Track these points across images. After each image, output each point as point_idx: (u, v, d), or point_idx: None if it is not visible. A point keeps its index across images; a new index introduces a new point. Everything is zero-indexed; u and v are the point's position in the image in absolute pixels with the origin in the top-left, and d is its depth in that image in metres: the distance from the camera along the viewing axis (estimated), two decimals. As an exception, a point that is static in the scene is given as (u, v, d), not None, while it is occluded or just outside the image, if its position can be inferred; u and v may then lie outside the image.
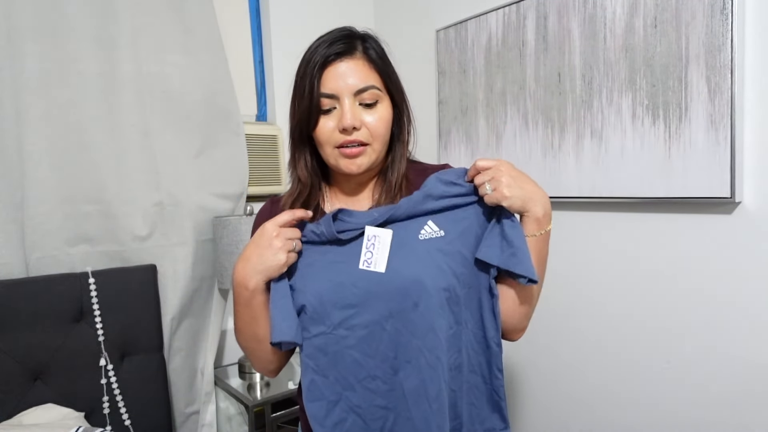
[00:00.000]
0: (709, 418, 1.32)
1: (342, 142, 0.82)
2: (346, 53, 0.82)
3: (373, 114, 0.83)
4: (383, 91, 0.84)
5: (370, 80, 0.82)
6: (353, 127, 0.81)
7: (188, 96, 1.69)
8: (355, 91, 0.81)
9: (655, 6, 1.32)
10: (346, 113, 0.81)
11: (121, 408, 1.49)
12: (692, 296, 1.33)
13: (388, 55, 0.87)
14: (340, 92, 0.81)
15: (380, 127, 0.83)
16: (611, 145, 1.43)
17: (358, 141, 0.82)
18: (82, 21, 1.50)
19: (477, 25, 1.77)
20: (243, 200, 1.84)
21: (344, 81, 0.81)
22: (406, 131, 0.90)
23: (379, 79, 0.84)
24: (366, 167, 0.85)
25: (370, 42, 0.85)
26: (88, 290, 1.46)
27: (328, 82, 0.82)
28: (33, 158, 1.44)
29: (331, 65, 0.82)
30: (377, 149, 0.84)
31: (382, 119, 0.83)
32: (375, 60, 0.84)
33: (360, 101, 0.82)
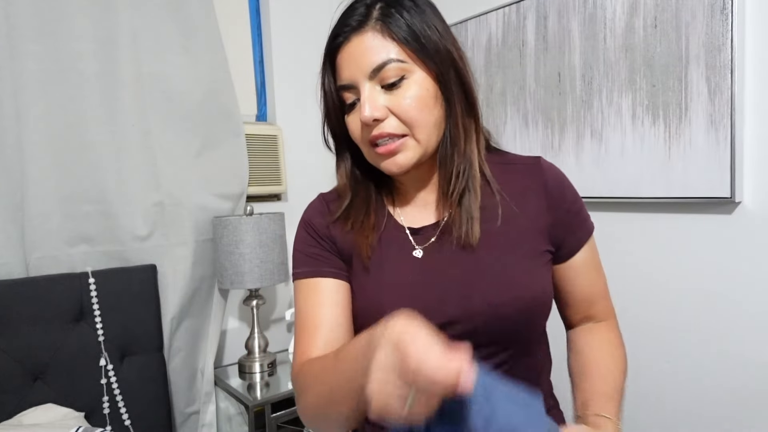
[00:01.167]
0: (709, 416, 1.32)
1: (371, 139, 0.67)
2: (355, 29, 0.66)
3: (398, 95, 0.65)
4: (410, 62, 0.65)
5: (386, 52, 0.64)
6: (374, 119, 0.65)
7: (188, 96, 1.69)
8: (369, 72, 0.65)
9: (655, 6, 1.32)
10: (363, 103, 0.65)
11: (121, 408, 1.49)
12: (692, 296, 1.33)
13: (428, 8, 0.67)
14: (355, 78, 0.66)
15: (412, 109, 0.65)
16: (611, 145, 1.43)
17: (388, 134, 0.66)
18: (82, 21, 1.50)
19: (477, 25, 1.77)
20: (243, 200, 1.84)
21: (356, 64, 0.66)
22: (461, 107, 0.68)
23: (399, 49, 0.65)
24: (411, 164, 0.68)
25: (387, 1, 0.66)
26: (88, 290, 1.46)
27: (342, 71, 0.68)
28: (33, 158, 1.44)
29: (341, 49, 0.67)
30: (421, 138, 0.66)
31: (414, 98, 0.65)
32: (392, 24, 0.64)
33: (381, 83, 0.65)
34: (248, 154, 1.84)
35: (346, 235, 0.75)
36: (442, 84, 0.67)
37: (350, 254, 0.74)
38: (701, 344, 1.33)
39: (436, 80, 0.67)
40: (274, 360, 1.81)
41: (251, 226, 1.61)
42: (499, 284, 0.67)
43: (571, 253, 0.75)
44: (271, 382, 1.73)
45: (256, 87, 2.06)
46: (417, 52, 0.65)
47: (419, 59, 0.66)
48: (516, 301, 0.67)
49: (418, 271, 0.71)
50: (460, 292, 0.68)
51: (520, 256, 0.69)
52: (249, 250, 1.61)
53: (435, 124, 0.67)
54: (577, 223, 0.75)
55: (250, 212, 1.73)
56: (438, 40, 0.66)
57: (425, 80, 0.66)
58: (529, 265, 0.70)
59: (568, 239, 0.74)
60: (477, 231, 0.68)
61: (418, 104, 0.65)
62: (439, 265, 0.70)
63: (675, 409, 1.39)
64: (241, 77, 1.98)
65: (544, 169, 0.73)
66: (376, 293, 0.71)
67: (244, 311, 1.96)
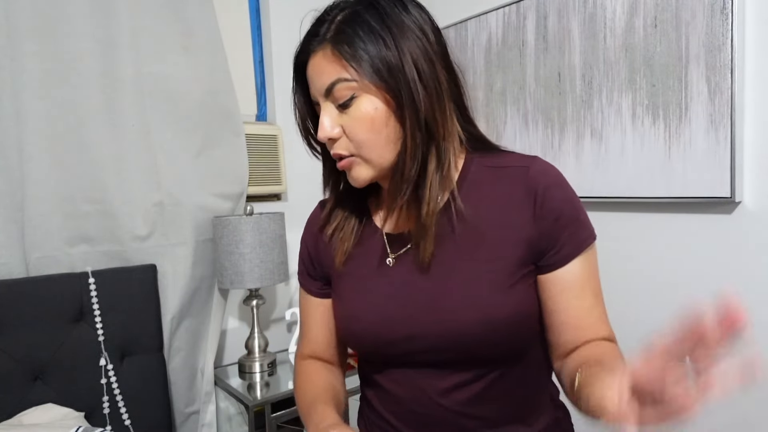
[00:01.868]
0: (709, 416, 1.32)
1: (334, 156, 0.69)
2: (314, 47, 0.66)
3: (350, 115, 0.65)
4: (359, 79, 0.63)
5: (333, 74, 0.64)
6: (329, 138, 0.66)
7: (188, 96, 1.69)
8: (323, 92, 0.66)
9: (655, 6, 1.32)
10: (320, 122, 0.66)
11: (121, 408, 1.49)
12: (692, 296, 1.33)
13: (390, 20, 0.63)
14: (316, 98, 0.68)
15: (360, 130, 0.64)
16: (611, 145, 1.43)
17: (338, 155, 0.67)
18: (82, 21, 1.50)
19: (477, 25, 1.77)
20: (243, 200, 1.84)
21: (314, 83, 0.67)
22: (416, 122, 0.64)
23: (348, 68, 0.63)
24: (366, 180, 0.68)
25: (345, 18, 0.64)
26: (88, 290, 1.46)
27: (310, 86, 0.69)
28: (33, 158, 1.44)
29: (307, 66, 0.68)
30: (371, 157, 0.66)
31: (362, 119, 0.64)
32: (342, 42, 0.62)
33: (335, 102, 0.65)
34: (248, 154, 1.84)
35: (327, 247, 0.80)
36: (395, 99, 0.63)
37: (331, 262, 0.79)
38: (701, 344, 1.33)
39: (389, 95, 0.63)
40: (274, 360, 1.81)
41: (251, 226, 1.61)
42: (469, 303, 0.65)
43: (556, 265, 0.66)
44: (271, 382, 1.73)
45: (256, 87, 2.06)
46: (365, 70, 0.62)
47: (367, 77, 0.63)
48: (482, 323, 0.64)
49: (388, 281, 0.72)
50: (425, 307, 0.67)
51: (495, 271, 0.66)
52: (249, 250, 1.61)
53: (388, 142, 0.65)
54: (568, 233, 0.66)
55: (250, 212, 1.73)
56: (390, 52, 0.62)
57: (373, 100, 0.64)
58: (506, 281, 0.65)
59: (554, 249, 0.66)
60: (429, 249, 0.67)
61: (366, 125, 0.64)
62: (409, 276, 0.70)
63: (675, 409, 1.39)
64: (241, 77, 1.98)
65: (534, 175, 0.67)
66: (349, 302, 0.75)
67: (244, 311, 1.96)
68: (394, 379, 0.73)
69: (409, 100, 0.63)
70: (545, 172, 0.67)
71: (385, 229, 0.75)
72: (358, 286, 0.74)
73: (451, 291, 0.66)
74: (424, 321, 0.67)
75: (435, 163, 0.66)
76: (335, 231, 0.77)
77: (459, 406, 0.69)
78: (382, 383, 0.75)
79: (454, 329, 0.65)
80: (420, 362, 0.69)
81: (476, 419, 0.69)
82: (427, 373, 0.70)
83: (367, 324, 0.72)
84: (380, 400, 0.77)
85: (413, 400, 0.71)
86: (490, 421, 0.70)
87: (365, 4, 0.64)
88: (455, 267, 0.67)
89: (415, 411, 0.71)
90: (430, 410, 0.70)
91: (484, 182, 0.70)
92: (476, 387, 0.68)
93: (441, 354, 0.67)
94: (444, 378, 0.68)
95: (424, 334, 0.67)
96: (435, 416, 0.70)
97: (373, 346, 0.72)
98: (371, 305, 0.72)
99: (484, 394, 0.68)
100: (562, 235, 0.66)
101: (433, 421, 0.70)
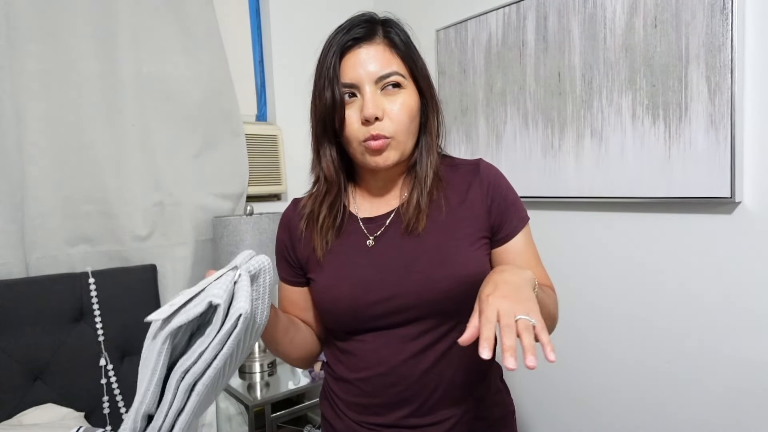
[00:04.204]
0: (709, 416, 1.32)
1: (367, 137, 0.77)
2: (366, 38, 0.77)
3: (395, 102, 0.77)
4: (407, 78, 0.78)
5: (392, 66, 0.77)
6: (375, 117, 0.75)
7: (188, 96, 1.69)
8: (376, 78, 0.76)
9: (655, 6, 1.32)
10: (367, 102, 0.75)
11: (121, 408, 1.49)
12: (692, 296, 1.33)
13: (413, 41, 0.81)
14: (361, 81, 0.76)
15: (404, 115, 0.77)
16: (611, 145, 1.43)
17: (381, 135, 0.76)
18: (82, 21, 1.50)
19: (477, 25, 1.77)
20: (243, 200, 1.84)
21: (364, 68, 0.76)
22: (434, 122, 0.83)
23: (402, 65, 0.78)
24: (394, 161, 0.79)
25: (392, 26, 0.80)
26: (88, 290, 1.46)
27: (348, 71, 0.77)
28: (33, 158, 1.44)
29: (350, 52, 0.77)
30: (402, 141, 0.78)
31: (406, 107, 0.77)
32: (398, 45, 0.78)
33: (381, 88, 0.77)
34: (248, 154, 1.85)
35: (306, 239, 0.87)
36: (424, 101, 0.82)
37: (309, 254, 0.87)
38: (701, 344, 1.33)
39: (420, 98, 0.81)
40: (274, 360, 1.81)
41: (251, 226, 1.61)
42: (437, 262, 0.79)
43: (508, 238, 0.83)
44: (271, 382, 1.73)
45: (256, 87, 2.06)
46: (412, 72, 0.79)
47: (412, 77, 0.80)
48: (451, 277, 0.78)
49: (366, 257, 0.82)
50: (401, 271, 0.79)
51: (458, 239, 0.81)
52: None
53: (412, 133, 0.80)
54: (512, 212, 0.84)
55: (250, 212, 1.73)
56: (424, 69, 0.81)
57: (414, 96, 0.79)
58: (467, 247, 0.80)
59: (503, 225, 0.83)
60: (423, 221, 0.81)
61: (408, 112, 0.78)
62: (386, 250, 0.82)
63: (675, 408, 1.39)
64: (241, 77, 1.98)
65: (482, 168, 0.86)
66: (331, 275, 0.84)
67: (244, 311, 1.96)
68: (366, 342, 0.82)
69: (432, 104, 0.83)
70: (490, 167, 0.87)
71: (361, 215, 0.86)
72: (339, 264, 0.83)
73: (423, 255, 0.79)
74: (399, 281, 0.79)
75: (436, 157, 0.84)
76: (314, 222, 0.85)
77: (426, 365, 0.80)
78: (352, 350, 0.84)
79: (426, 284, 0.78)
80: (393, 323, 0.79)
81: (439, 377, 0.81)
82: (398, 336, 0.80)
83: (347, 288, 0.81)
84: (348, 368, 0.85)
85: (383, 363, 0.81)
86: (449, 381, 0.81)
87: (395, 23, 0.81)
88: (427, 238, 0.81)
89: (385, 374, 0.81)
90: (399, 371, 0.80)
91: (448, 177, 0.86)
92: (441, 347, 0.80)
93: (414, 311, 0.78)
94: (414, 340, 0.80)
95: (401, 293, 0.78)
96: (404, 378, 0.80)
97: (352, 309, 0.80)
98: (352, 274, 0.82)
99: (447, 354, 0.81)
100: (508, 212, 0.84)
101: (401, 382, 0.80)
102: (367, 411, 0.84)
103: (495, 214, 0.83)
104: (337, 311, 0.82)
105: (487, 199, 0.83)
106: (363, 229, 0.85)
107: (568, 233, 1.59)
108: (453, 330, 0.81)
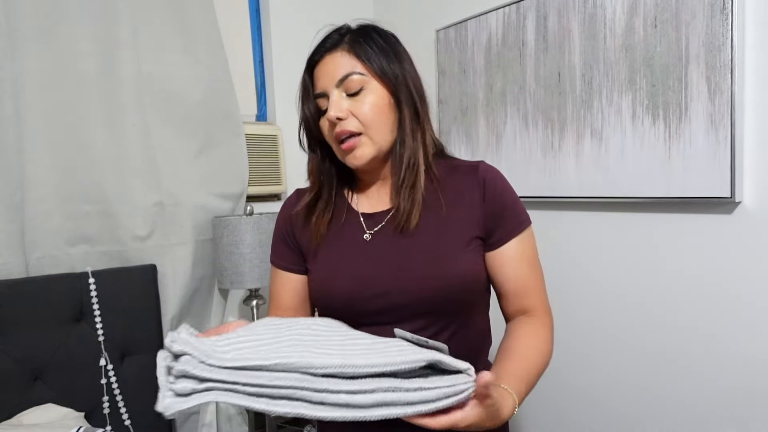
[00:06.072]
0: (710, 415, 1.32)
1: (336, 137, 0.81)
2: (330, 48, 0.82)
3: (361, 101, 0.80)
4: (369, 76, 0.81)
5: (350, 67, 0.80)
6: (337, 118, 0.79)
7: (188, 96, 1.69)
8: (336, 82, 0.80)
9: (655, 6, 1.32)
10: (331, 105, 0.80)
11: (121, 408, 1.49)
12: (692, 296, 1.33)
13: (391, 43, 0.84)
14: (326, 87, 0.81)
15: (369, 112, 0.80)
16: (611, 145, 1.43)
17: (347, 132, 0.80)
18: (82, 21, 1.50)
19: (477, 25, 1.77)
20: (243, 200, 1.84)
21: (329, 75, 0.81)
22: (411, 119, 0.83)
23: (362, 65, 0.81)
24: (369, 157, 0.82)
25: (365, 32, 0.83)
26: (88, 290, 1.46)
27: (317, 82, 0.83)
28: (33, 158, 1.44)
29: (318, 64, 0.83)
30: (374, 137, 0.81)
31: (371, 104, 0.80)
32: (358, 47, 0.81)
33: (346, 91, 0.81)
34: (248, 154, 1.84)
35: (303, 229, 0.90)
36: (395, 97, 0.82)
37: (308, 242, 0.89)
38: (701, 343, 1.33)
39: (391, 94, 0.82)
40: (274, 360, 1.81)
41: (251, 226, 1.61)
42: (429, 262, 0.80)
43: (500, 243, 0.83)
44: (271, 382, 1.73)
45: (256, 87, 2.06)
46: (375, 69, 0.81)
47: (377, 75, 0.81)
48: (443, 276, 0.79)
49: (363, 251, 0.84)
50: (396, 267, 0.81)
51: (452, 240, 0.82)
52: (249, 250, 1.61)
53: (388, 128, 0.82)
54: (509, 216, 0.84)
55: (250, 212, 1.73)
56: (395, 64, 0.82)
57: (380, 93, 0.81)
58: (460, 248, 0.81)
59: (497, 229, 0.83)
60: (416, 218, 0.81)
61: (373, 109, 0.80)
62: (383, 246, 0.84)
63: (675, 408, 1.39)
64: (241, 77, 1.98)
65: (481, 170, 0.86)
66: (325, 270, 0.86)
67: (244, 311, 1.96)
68: None
69: (408, 100, 0.83)
70: (490, 169, 0.87)
71: (361, 210, 0.88)
72: (336, 256, 0.86)
73: (416, 254, 0.81)
74: (393, 278, 0.80)
75: (423, 153, 0.84)
76: (314, 214, 0.88)
77: None
78: None
79: (417, 283, 0.79)
80: (387, 321, 0.80)
81: None
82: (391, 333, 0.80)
83: (343, 282, 0.82)
84: None
85: None
86: None
87: (371, 28, 0.84)
88: (421, 236, 0.82)
89: None
90: None
91: (446, 178, 0.86)
92: None
93: (406, 309, 0.80)
94: None
95: (394, 290, 0.80)
96: None
97: (347, 303, 0.81)
98: (348, 268, 0.83)
99: None
100: (503, 216, 0.83)
101: None
102: None
103: (489, 217, 0.83)
104: (335, 304, 0.83)
105: (483, 201, 0.84)
106: (362, 224, 0.87)
107: (568, 233, 1.59)
108: (444, 330, 0.82)
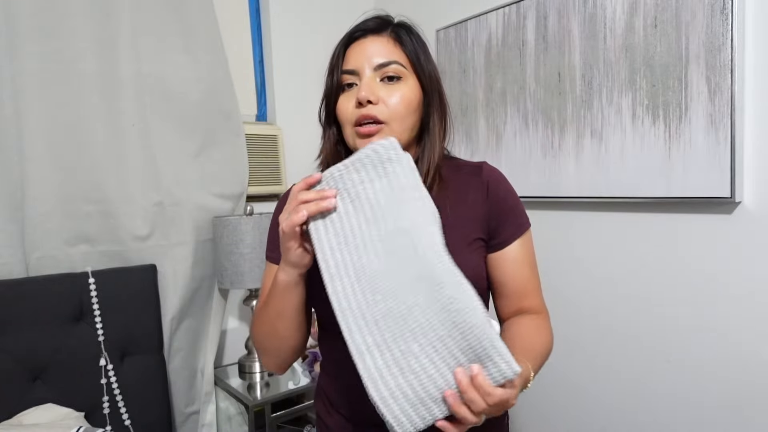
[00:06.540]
0: (709, 415, 1.32)
1: (358, 119, 0.77)
2: (374, 31, 0.80)
3: (393, 91, 0.77)
4: (409, 71, 0.79)
5: (393, 56, 0.78)
6: (368, 101, 0.76)
7: (188, 96, 1.69)
8: (375, 65, 0.77)
9: (655, 6, 1.32)
10: (363, 85, 0.77)
11: (121, 408, 1.49)
12: (692, 296, 1.33)
13: (425, 45, 0.83)
14: (361, 66, 0.78)
15: (400, 105, 0.77)
16: (611, 145, 1.43)
17: (373, 117, 0.76)
18: (82, 21, 1.50)
19: (477, 25, 1.77)
20: (243, 200, 1.84)
21: (366, 55, 0.78)
22: (438, 122, 0.82)
23: (405, 58, 0.79)
24: None
25: (405, 27, 0.82)
26: (88, 290, 1.46)
27: (350, 59, 0.79)
28: (33, 158, 1.44)
29: (356, 42, 0.80)
30: (396, 130, 0.77)
31: (404, 98, 0.77)
32: (404, 40, 0.79)
33: (380, 77, 0.78)
34: (248, 154, 1.85)
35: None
36: (426, 98, 0.81)
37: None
38: (701, 344, 1.33)
39: (423, 92, 0.81)
40: (274, 360, 1.81)
41: (251, 226, 1.61)
42: None
43: (503, 245, 0.83)
44: (271, 382, 1.73)
45: (256, 87, 2.06)
46: (415, 66, 0.80)
47: (415, 72, 0.80)
48: None
49: None
50: None
51: (454, 240, 0.79)
52: (249, 249, 1.61)
53: (410, 126, 0.80)
54: (511, 218, 0.84)
55: (250, 212, 1.73)
56: (432, 70, 0.82)
57: (414, 90, 0.79)
58: (462, 246, 0.81)
59: (501, 230, 0.83)
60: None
61: (405, 103, 0.78)
62: None
63: (675, 408, 1.39)
64: (241, 77, 1.98)
65: (485, 171, 0.86)
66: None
67: (244, 311, 1.96)
68: None
69: (437, 101, 0.82)
70: (494, 169, 0.87)
71: None
72: None
73: None
74: None
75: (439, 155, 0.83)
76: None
77: None
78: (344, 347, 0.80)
79: None
80: None
81: None
82: None
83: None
84: (338, 365, 0.83)
85: None
86: None
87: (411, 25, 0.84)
88: None
89: None
90: None
91: (450, 178, 0.85)
92: None
93: None
94: None
95: None
96: None
97: None
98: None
99: None
100: (507, 218, 0.84)
101: None
102: (356, 408, 0.84)
103: (493, 218, 0.83)
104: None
105: (486, 202, 0.83)
106: None
107: (568, 233, 1.59)
108: None
